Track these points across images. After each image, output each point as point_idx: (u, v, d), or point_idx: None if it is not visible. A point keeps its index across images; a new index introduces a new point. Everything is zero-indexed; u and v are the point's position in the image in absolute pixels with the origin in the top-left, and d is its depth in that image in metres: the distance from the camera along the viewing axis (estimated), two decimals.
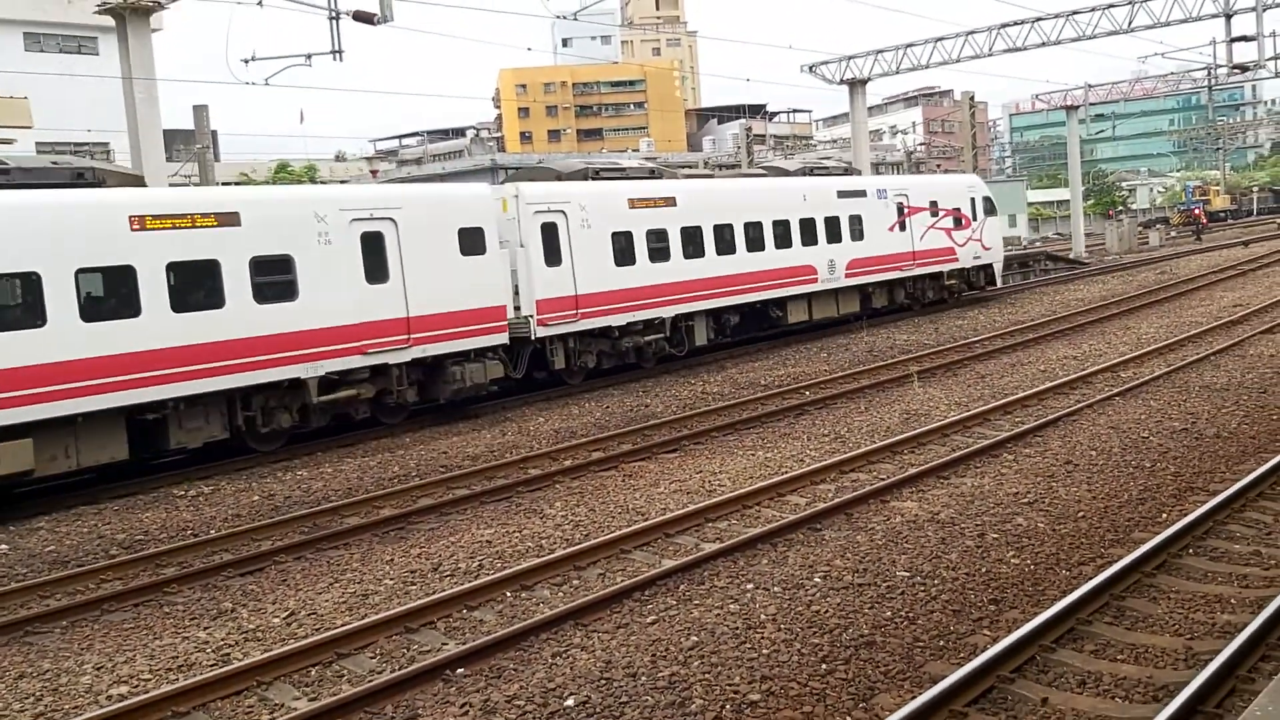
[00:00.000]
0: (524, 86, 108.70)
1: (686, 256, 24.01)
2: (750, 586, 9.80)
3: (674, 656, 8.33)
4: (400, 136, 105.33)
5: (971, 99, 54.70)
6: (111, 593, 11.05)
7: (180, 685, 8.27)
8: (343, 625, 9.49)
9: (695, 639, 8.64)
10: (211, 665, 8.89)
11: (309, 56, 22.93)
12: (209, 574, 11.52)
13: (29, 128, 20.25)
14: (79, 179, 16.11)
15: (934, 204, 32.00)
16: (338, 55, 21.77)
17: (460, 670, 8.35)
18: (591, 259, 21.94)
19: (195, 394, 16.11)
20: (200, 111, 41.08)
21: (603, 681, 7.97)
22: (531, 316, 20.81)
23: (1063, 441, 14.67)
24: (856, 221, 28.93)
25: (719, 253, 24.84)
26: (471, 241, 19.64)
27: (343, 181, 62.68)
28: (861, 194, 29.53)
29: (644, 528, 11.69)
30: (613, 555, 11.09)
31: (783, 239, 26.60)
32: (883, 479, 13.30)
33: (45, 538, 13.52)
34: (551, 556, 10.93)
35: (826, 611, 9.07)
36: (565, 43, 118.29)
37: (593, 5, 60.23)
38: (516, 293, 20.81)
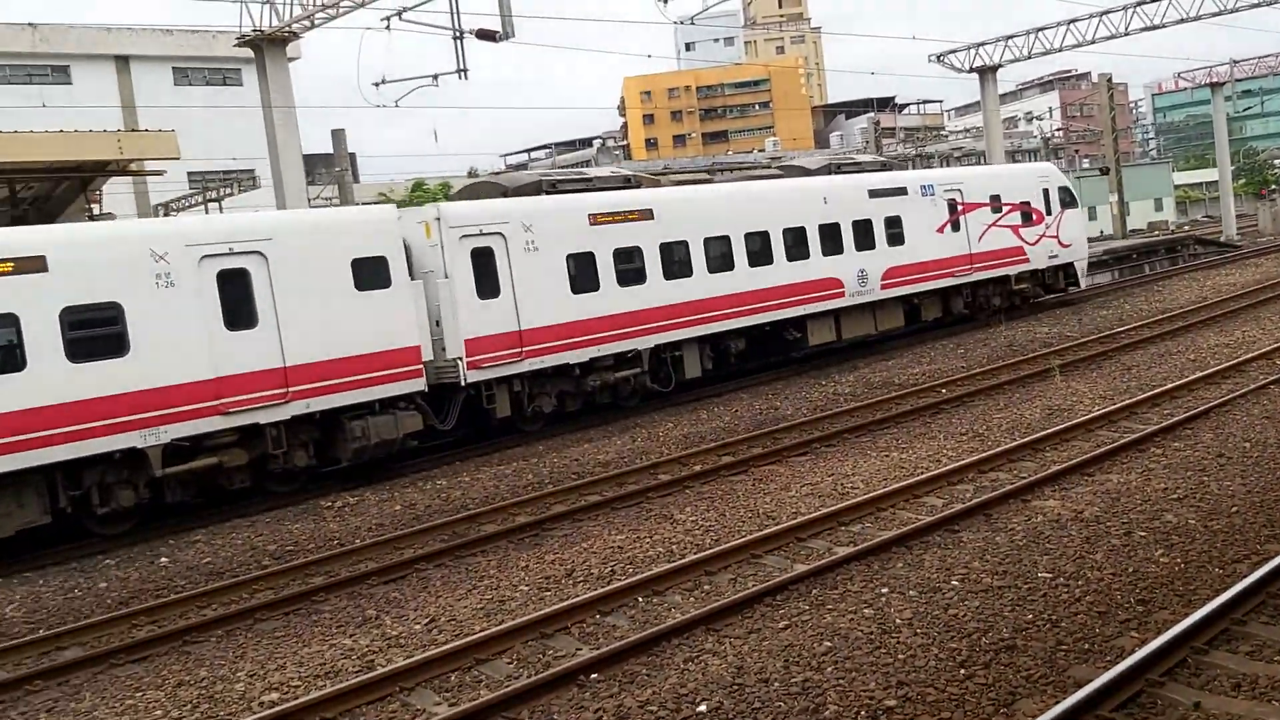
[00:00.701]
0: (648, 93, 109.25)
1: (669, 277, 20.96)
2: (885, 590, 9.64)
3: (807, 662, 8.25)
4: (529, 150, 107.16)
5: (1109, 81, 52.76)
6: (263, 602, 11.51)
7: (327, 691, 8.57)
8: (481, 631, 9.69)
9: (828, 644, 8.54)
10: (357, 671, 9.18)
11: (435, 77, 23.53)
12: (354, 582, 11.90)
13: (177, 159, 21.23)
14: None
15: (996, 199, 28.37)
16: (463, 74, 22.27)
17: (594, 675, 8.43)
18: (539, 287, 19.08)
19: None
20: (338, 135, 42.63)
21: (735, 687, 7.94)
22: (460, 359, 18.02)
23: (1215, 434, 14.00)
24: (894, 224, 25.48)
25: (713, 270, 21.71)
26: (371, 274, 17.00)
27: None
28: (900, 192, 25.90)
29: (775, 532, 11.62)
30: (744, 560, 11.05)
31: (797, 249, 23.32)
32: (1023, 477, 12.92)
33: (202, 550, 14.17)
34: (682, 561, 10.95)
35: (965, 615, 8.85)
36: (688, 47, 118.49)
37: (714, 7, 60.32)
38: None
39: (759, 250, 22.65)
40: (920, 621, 8.81)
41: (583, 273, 19.80)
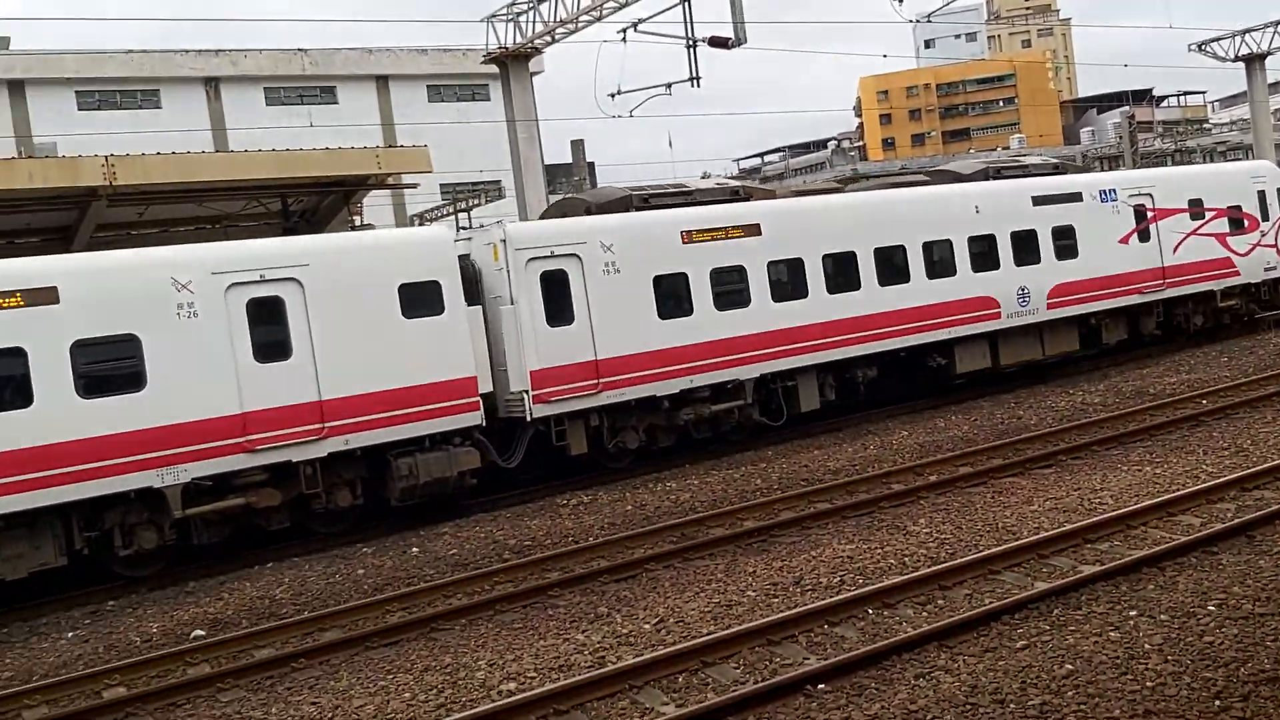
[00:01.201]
0: (885, 93, 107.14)
1: (777, 298, 19.08)
2: (1133, 613, 9.10)
3: (1045, 685, 7.90)
4: (763, 154, 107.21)
5: None
6: (503, 594, 12.01)
7: (561, 684, 8.86)
8: (708, 634, 9.78)
9: (1070, 667, 8.14)
10: (588, 667, 9.45)
11: (669, 86, 23.92)
12: (588, 579, 12.25)
13: (429, 172, 22.48)
14: None
15: (1196, 203, 24.98)
16: (695, 82, 22.55)
17: (821, 686, 8.36)
18: (621, 312, 17.57)
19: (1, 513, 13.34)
20: (577, 145, 44.10)
21: (968, 707, 7.70)
22: (526, 391, 16.76)
23: None
24: (1064, 234, 22.69)
25: (832, 290, 19.66)
26: (421, 300, 15.96)
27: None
28: (1071, 198, 23.02)
29: (1015, 547, 11.16)
30: (980, 575, 10.67)
31: (940, 265, 21.03)
32: None
33: (449, 542, 14.94)
34: (915, 574, 10.69)
35: (1222, 643, 8.24)
36: (927, 44, 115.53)
37: (955, 1, 58.41)
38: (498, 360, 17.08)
39: (891, 267, 20.45)
40: (1171, 648, 8.27)
41: (673, 296, 18.21)
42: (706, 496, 15.79)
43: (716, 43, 21.72)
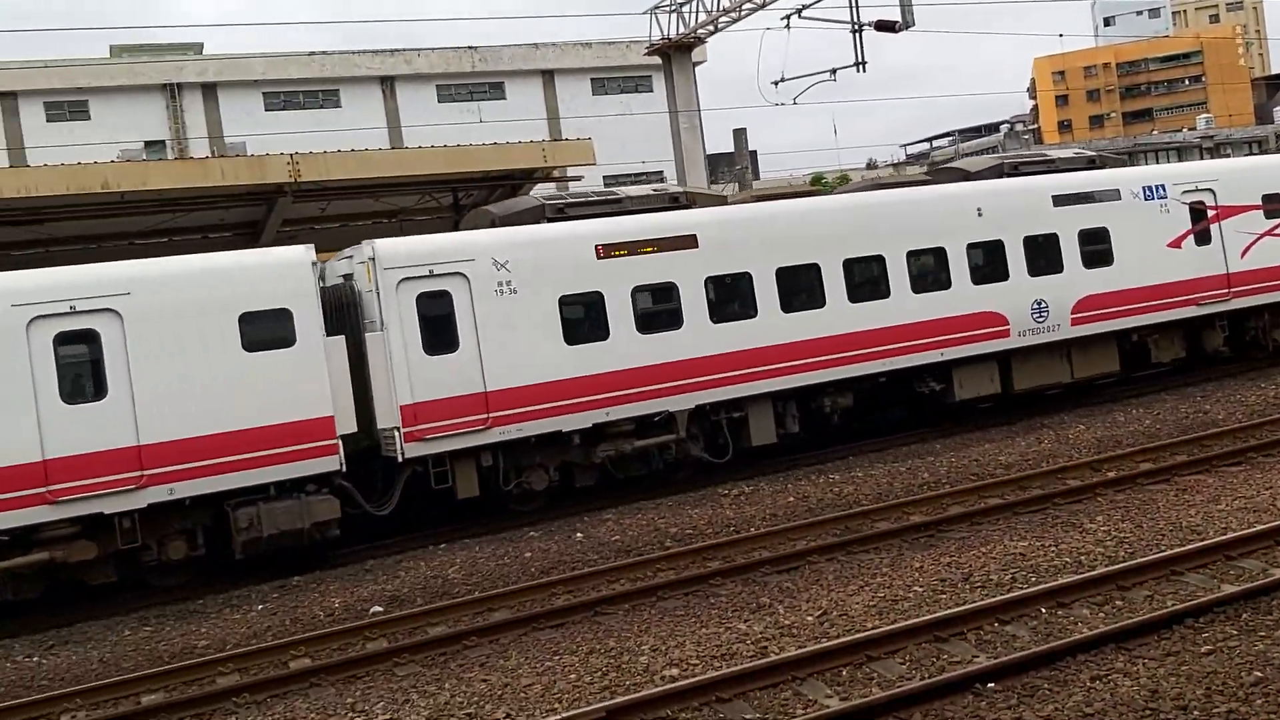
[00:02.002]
0: (1061, 73, 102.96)
1: (719, 319, 16.88)
2: None
3: (1233, 692, 7.51)
4: (930, 139, 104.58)
5: None
6: (665, 581, 12.14)
7: (724, 673, 8.90)
8: (873, 628, 9.67)
9: (1259, 674, 7.73)
10: (751, 656, 9.47)
11: (833, 72, 23.59)
12: (749, 569, 12.25)
13: (593, 164, 22.82)
14: None
15: (1273, 199, 21.58)
16: (861, 67, 22.16)
17: (991, 685, 8.16)
18: (517, 338, 15.61)
19: None
20: (739, 134, 43.97)
21: (1147, 712, 7.40)
22: (396, 428, 14.92)
23: None
24: (1095, 238, 19.79)
25: (789, 308, 17.31)
26: (266, 331, 14.32)
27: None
28: (1105, 196, 19.98)
29: (1200, 548, 10.64)
30: (1162, 576, 10.20)
31: (931, 277, 18.49)
32: None
33: (612, 528, 15.16)
34: (1091, 574, 10.31)
35: None
36: (1107, 22, 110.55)
37: None
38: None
39: (866, 280, 18.04)
40: None
41: (584, 318, 16.20)
42: (871, 489, 15.56)
43: (883, 26, 21.29)
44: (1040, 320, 19.08)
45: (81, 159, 22.35)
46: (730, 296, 17.22)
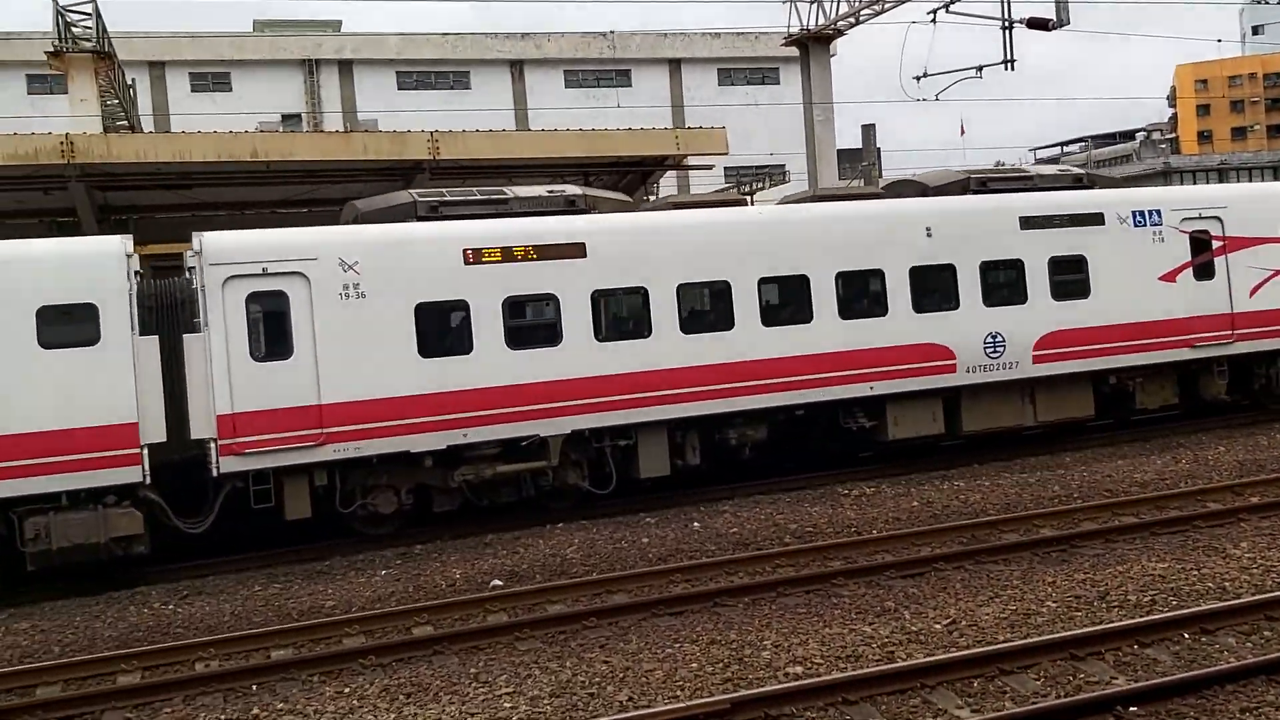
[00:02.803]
0: (1204, 82, 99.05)
1: (605, 336, 15.46)
2: None
3: None
4: (1062, 144, 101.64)
5: None
6: (785, 578, 12.01)
7: (851, 674, 8.77)
8: (1005, 641, 9.42)
9: None
10: (877, 660, 9.31)
11: (980, 69, 23.02)
12: (872, 572, 12.05)
13: (725, 154, 22.71)
14: None
15: None
16: (1009, 65, 21.58)
17: (1134, 709, 7.87)
18: (363, 348, 14.28)
19: None
20: (868, 130, 43.33)
21: None
22: (212, 440, 13.69)
23: None
24: (1069, 266, 17.80)
25: (691, 329, 15.76)
26: (66, 327, 13.21)
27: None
28: (1086, 220, 17.96)
29: None
30: None
31: (865, 302, 16.80)
32: None
33: (729, 520, 15.09)
34: (1237, 601, 9.89)
35: None
36: (1256, 30, 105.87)
37: None
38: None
39: (786, 302, 16.49)
40: None
41: (444, 329, 14.92)
42: (998, 499, 15.19)
43: (1036, 24, 20.65)
44: (995, 355, 17.23)
45: (223, 128, 23.09)
46: (621, 313, 15.91)
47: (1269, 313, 19.02)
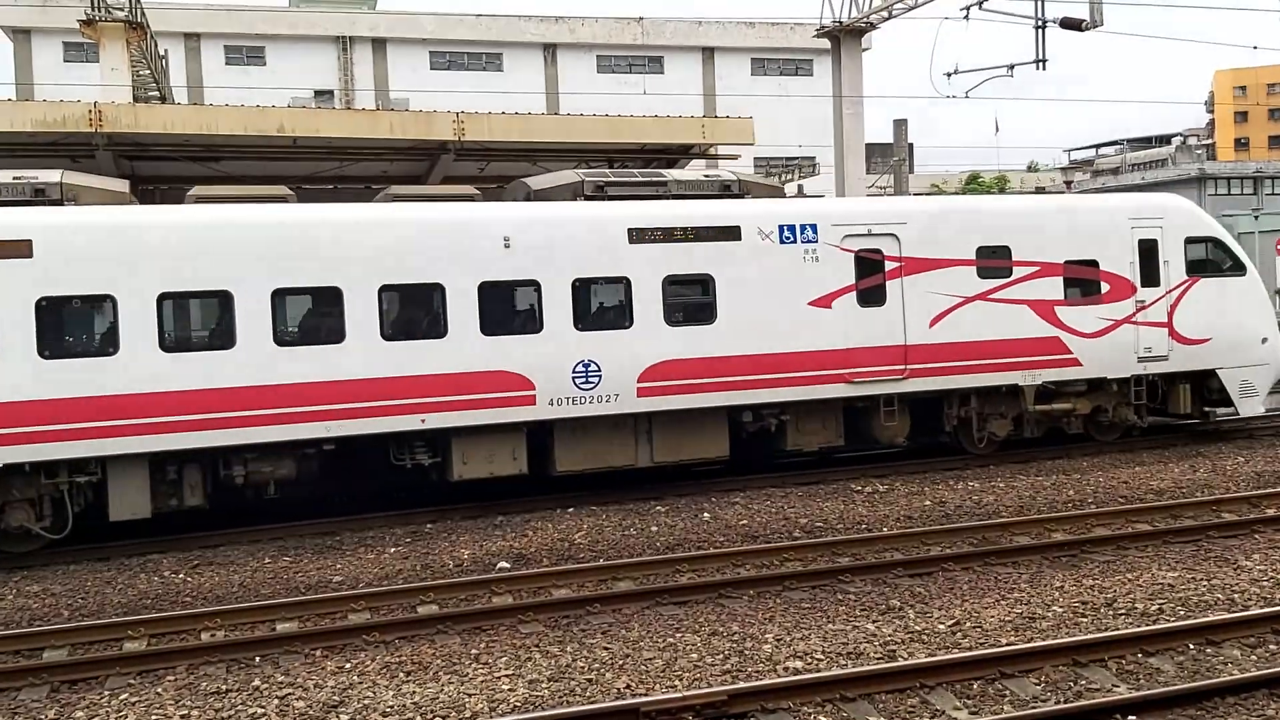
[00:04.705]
0: (1243, 88, 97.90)
1: (50, 354, 13.18)
2: None
3: None
4: (1097, 146, 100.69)
5: None
6: (792, 572, 11.97)
7: (850, 671, 8.73)
8: (1008, 644, 9.37)
9: None
10: (878, 658, 9.28)
11: (1011, 68, 22.83)
12: (880, 569, 12.01)
13: (752, 144, 22.61)
14: None
15: (994, 252, 17.15)
16: (1041, 64, 21.38)
17: (1132, 718, 7.82)
18: None
19: None
20: (899, 126, 43.10)
21: None
22: None
23: None
24: (689, 287, 15.87)
25: (176, 348, 13.76)
26: None
27: (1038, 190, 61.68)
28: (722, 234, 15.88)
29: None
30: None
31: (416, 322, 14.90)
32: None
33: (740, 511, 15.07)
34: (1245, 614, 9.78)
35: None
36: None
37: None
38: None
39: (311, 321, 14.52)
40: None
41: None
42: (1012, 501, 15.10)
43: (1069, 24, 20.44)
44: (587, 387, 15.19)
45: (255, 102, 23.18)
46: (80, 324, 13.71)
47: (952, 346, 16.89)
